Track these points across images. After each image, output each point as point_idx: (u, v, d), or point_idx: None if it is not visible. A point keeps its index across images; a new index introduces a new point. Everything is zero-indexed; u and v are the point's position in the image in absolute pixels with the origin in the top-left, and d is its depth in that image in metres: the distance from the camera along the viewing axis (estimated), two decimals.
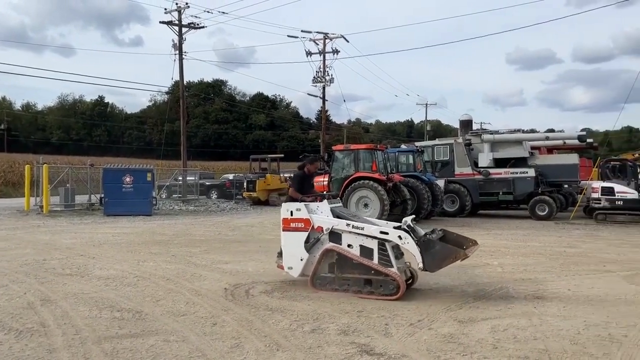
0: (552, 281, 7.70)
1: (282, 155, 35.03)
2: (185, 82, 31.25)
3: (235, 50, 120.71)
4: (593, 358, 4.55)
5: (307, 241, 7.01)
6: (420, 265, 6.56)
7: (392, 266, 6.63)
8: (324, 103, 37.16)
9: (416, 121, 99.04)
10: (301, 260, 7.07)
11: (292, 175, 8.47)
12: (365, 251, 6.75)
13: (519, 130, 21.66)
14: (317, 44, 35.09)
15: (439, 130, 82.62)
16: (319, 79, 35.32)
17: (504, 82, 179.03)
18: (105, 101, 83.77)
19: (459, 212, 19.37)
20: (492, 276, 8.13)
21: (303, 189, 7.81)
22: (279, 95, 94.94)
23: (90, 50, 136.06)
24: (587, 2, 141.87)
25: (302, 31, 34.78)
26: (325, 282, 6.92)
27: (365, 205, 15.54)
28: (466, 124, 28.92)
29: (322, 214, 7.08)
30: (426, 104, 62.55)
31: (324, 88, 35.85)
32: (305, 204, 7.17)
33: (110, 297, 6.85)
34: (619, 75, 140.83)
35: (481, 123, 54.68)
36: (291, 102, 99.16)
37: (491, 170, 19.44)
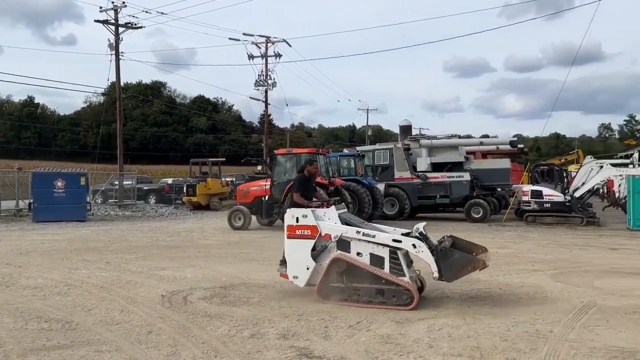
0: (485, 280, 8.00)
1: (224, 159, 34.58)
2: (122, 84, 30.27)
3: (175, 51, 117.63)
4: (521, 353, 4.76)
5: (313, 249, 6.66)
6: (436, 274, 6.32)
7: (404, 275, 6.35)
8: (266, 107, 37.06)
9: (358, 126, 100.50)
10: (307, 269, 6.68)
11: (292, 179, 8.00)
12: (376, 260, 6.45)
13: (455, 136, 22.43)
14: (259, 47, 34.99)
15: (380, 135, 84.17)
16: (261, 82, 35.17)
17: (442, 89, 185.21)
18: (36, 102, 79.72)
19: (399, 215, 19.78)
20: (430, 277, 8.33)
21: (307, 193, 7.42)
22: (221, 98, 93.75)
23: (19, 48, 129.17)
24: (517, 15, 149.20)
25: (244, 34, 34.62)
26: (333, 292, 6.57)
27: None
28: (406, 129, 29.60)
29: (329, 220, 6.73)
30: (367, 110, 63.73)
31: (266, 92, 35.75)
32: (311, 210, 6.81)
33: (37, 307, 6.51)
34: (547, 85, 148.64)
35: (420, 128, 56.27)
36: (233, 105, 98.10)
37: (429, 175, 19.99)
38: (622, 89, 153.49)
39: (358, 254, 6.51)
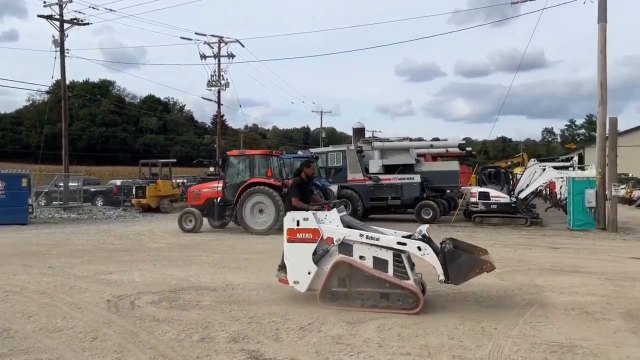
0: (434, 280, 8.15)
1: (175, 160, 33.89)
2: (68, 82, 29.17)
3: (124, 49, 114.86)
4: (467, 350, 4.90)
5: (314, 253, 6.49)
6: (442, 277, 6.22)
7: (408, 278, 6.25)
8: (219, 107, 36.59)
9: (312, 128, 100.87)
10: (309, 273, 6.47)
11: (291, 183, 7.64)
12: (379, 263, 6.31)
13: (406, 139, 22.85)
14: (212, 47, 34.50)
15: (334, 137, 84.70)
16: (214, 82, 34.70)
17: (394, 92, 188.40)
18: None
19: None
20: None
21: (305, 197, 7.25)
22: (172, 98, 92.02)
23: None
24: (466, 21, 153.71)
25: (196, 33, 33.98)
26: (336, 297, 6.39)
27: (261, 211, 15.49)
28: (359, 132, 29.87)
29: (331, 223, 6.56)
30: (321, 112, 63.96)
31: (219, 92, 35.30)
32: (313, 213, 6.64)
33: None
34: (494, 90, 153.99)
35: (373, 131, 56.95)
36: (185, 105, 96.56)
37: (381, 176, 20.26)
38: (564, 95, 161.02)
39: (361, 257, 6.38)
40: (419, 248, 6.25)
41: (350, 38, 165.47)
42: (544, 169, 19.20)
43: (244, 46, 35.57)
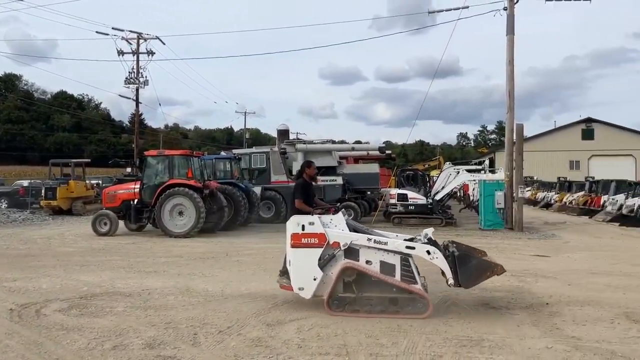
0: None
1: (89, 160, 32.25)
2: None
3: (33, 42, 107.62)
4: (384, 348, 5.04)
5: (319, 258, 6.26)
6: (451, 281, 6.13)
7: (416, 282, 6.16)
8: (137, 106, 35.21)
9: (236, 129, 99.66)
10: (314, 279, 6.23)
11: (294, 185, 7.14)
12: (387, 267, 6.19)
13: (329, 141, 23.16)
14: (130, 44, 33.17)
15: (258, 138, 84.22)
16: (132, 80, 33.36)
17: (318, 95, 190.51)
18: None
19: (275, 218, 19.91)
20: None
21: (309, 199, 6.99)
22: (87, 95, 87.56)
23: None
24: (386, 28, 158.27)
25: (113, 28, 32.55)
26: (344, 303, 6.22)
27: (180, 213, 15.07)
28: (283, 133, 29.89)
29: (336, 227, 6.35)
30: (245, 112, 63.32)
31: (137, 90, 33.96)
32: (318, 217, 6.41)
33: None
34: (413, 95, 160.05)
35: (297, 133, 57.30)
36: (101, 103, 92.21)
37: None
38: (477, 101, 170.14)
39: (367, 262, 6.24)
40: (428, 252, 6.20)
41: (274, 39, 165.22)
42: (458, 172, 20.14)
43: (164, 43, 34.44)
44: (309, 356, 4.82)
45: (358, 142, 48.27)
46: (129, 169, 31.31)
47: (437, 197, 19.42)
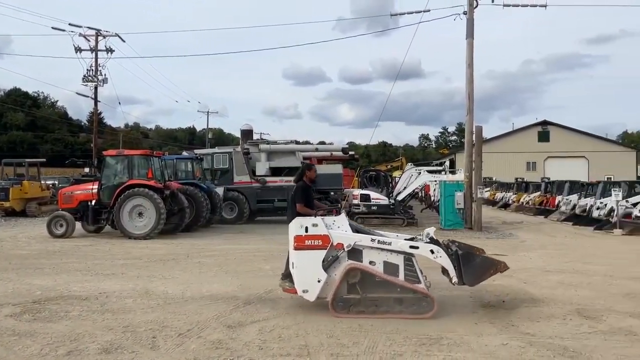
0: None
1: (44, 159, 31.20)
2: None
3: None
4: (345, 348, 5.07)
5: (323, 260, 6.21)
6: (455, 279, 6.20)
7: (419, 282, 6.18)
8: (96, 104, 34.32)
9: (199, 128, 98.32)
10: (319, 281, 6.18)
11: (294, 188, 7.04)
12: (390, 268, 6.20)
13: (293, 142, 23.15)
14: (89, 40, 32.33)
15: (221, 138, 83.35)
16: (90, 78, 32.49)
17: (282, 95, 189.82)
18: None
19: (238, 219, 19.77)
20: (264, 279, 8.47)
21: (310, 201, 6.89)
22: (42, 92, 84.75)
23: None
24: (350, 29, 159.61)
25: (70, 24, 31.62)
26: (348, 304, 6.18)
27: (140, 214, 14.76)
28: (247, 134, 29.70)
29: (339, 229, 6.33)
30: (208, 112, 62.53)
31: (96, 88, 33.08)
32: (321, 219, 6.35)
33: None
34: (376, 97, 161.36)
35: (261, 133, 57.02)
36: (57, 101, 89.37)
37: (268, 179, 20.33)
38: (438, 103, 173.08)
39: (371, 262, 6.23)
40: (432, 251, 6.25)
41: (237, 39, 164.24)
42: (420, 173, 20.49)
43: (124, 41, 33.64)
44: (270, 357, 4.81)
45: (322, 142, 48.43)
46: (87, 169, 30.53)
47: (399, 198, 19.69)
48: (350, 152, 24.96)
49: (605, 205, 18.90)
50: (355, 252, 6.25)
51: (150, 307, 6.66)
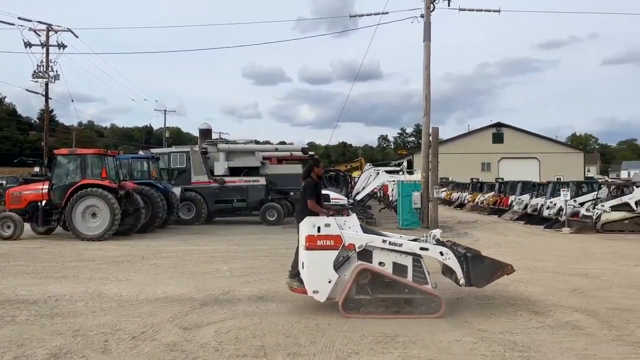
0: (274, 280, 8.34)
1: None
2: None
3: None
4: (302, 347, 5.07)
5: (334, 260, 6.15)
6: (463, 281, 6.28)
7: (427, 282, 6.22)
8: (47, 101, 33.12)
9: (155, 127, 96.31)
10: (329, 282, 6.11)
11: (303, 185, 6.91)
12: (399, 268, 6.23)
13: (252, 141, 22.99)
14: (39, 35, 31.16)
15: (179, 137, 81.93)
16: (40, 74, 31.34)
17: (241, 94, 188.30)
18: None
19: (195, 220, 19.48)
20: (221, 281, 8.39)
21: (319, 199, 6.76)
22: None
23: None
24: (310, 29, 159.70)
25: (19, 18, 30.41)
26: (359, 305, 6.13)
27: (94, 215, 14.35)
28: (205, 133, 29.25)
29: (350, 229, 6.27)
30: (165, 110, 61.35)
31: (47, 84, 31.94)
32: (334, 219, 6.27)
33: None
34: (336, 97, 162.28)
35: (220, 132, 56.40)
36: (5, 97, 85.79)
37: (226, 179, 20.12)
38: (397, 105, 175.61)
39: (380, 263, 6.24)
40: (441, 253, 6.32)
41: (196, 36, 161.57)
42: (378, 173, 20.72)
43: (77, 36, 32.72)
44: (225, 359, 4.76)
45: (282, 142, 48.35)
46: (36, 169, 29.43)
47: (358, 198, 19.87)
48: (310, 152, 25.00)
49: (555, 204, 19.64)
50: (365, 253, 6.27)
51: (102, 310, 6.48)
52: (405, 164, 28.69)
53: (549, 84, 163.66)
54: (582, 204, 19.01)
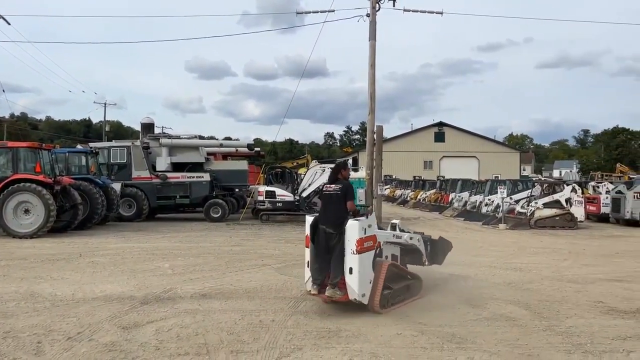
0: (218, 278, 8.25)
1: None
2: None
3: None
4: (245, 344, 5.05)
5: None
6: (427, 262, 7.20)
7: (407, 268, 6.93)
8: None
9: (95, 120, 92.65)
10: (370, 282, 6.07)
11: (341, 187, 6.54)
12: (395, 259, 6.84)
13: (196, 137, 22.56)
14: None
15: (120, 131, 79.24)
16: None
17: (184, 88, 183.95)
18: None
19: (136, 216, 18.94)
20: (163, 278, 8.20)
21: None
22: None
23: None
24: (255, 25, 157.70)
25: None
26: (386, 299, 6.29)
27: (26, 211, 13.67)
28: (147, 127, 28.40)
29: (372, 227, 6.28)
30: (105, 103, 59.15)
31: None
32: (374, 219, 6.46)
33: None
34: (282, 94, 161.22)
35: (162, 127, 54.84)
36: None
37: (169, 174, 19.66)
38: (343, 102, 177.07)
39: (386, 257, 6.64)
40: (418, 240, 7.16)
41: (138, 28, 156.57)
42: (324, 170, 20.78)
43: (9, 24, 30.78)
44: (167, 358, 4.67)
45: (228, 138, 47.74)
46: None
47: (304, 194, 19.88)
48: (256, 149, 24.86)
49: (493, 202, 20.45)
50: (379, 250, 6.46)
51: (35, 310, 6.20)
52: (350, 161, 28.99)
53: (487, 85, 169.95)
54: (517, 202, 19.87)
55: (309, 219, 6.34)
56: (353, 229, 5.97)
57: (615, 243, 14.39)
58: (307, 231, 6.29)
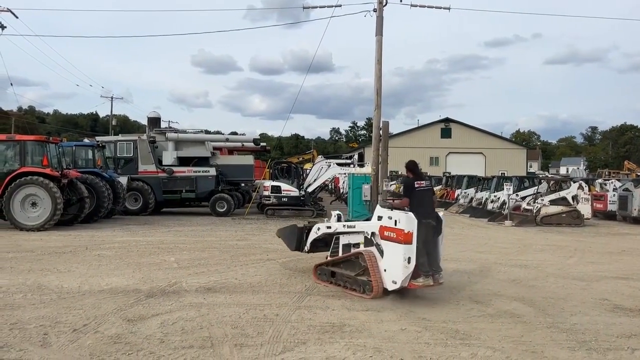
0: (223, 272, 8.28)
1: None
2: None
3: None
4: (249, 338, 5.07)
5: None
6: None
7: None
8: None
9: (102, 114, 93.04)
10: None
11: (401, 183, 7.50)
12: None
13: (203, 131, 22.60)
14: None
15: (126, 125, 79.53)
16: None
17: (191, 83, 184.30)
18: None
19: (142, 210, 19.02)
20: (168, 272, 8.25)
21: None
22: None
23: None
24: (261, 19, 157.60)
25: None
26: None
27: (34, 204, 13.76)
28: (154, 121, 28.48)
29: None
30: (112, 97, 59.28)
31: None
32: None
33: None
34: (288, 89, 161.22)
35: (169, 121, 54.96)
36: None
37: (175, 169, 19.72)
38: (348, 98, 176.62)
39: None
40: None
41: (145, 22, 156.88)
42: (330, 166, 20.82)
43: (17, 17, 30.90)
44: (171, 350, 4.70)
45: (234, 133, 47.71)
46: None
47: (310, 190, 19.92)
48: (262, 144, 24.86)
49: (498, 198, 20.39)
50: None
51: (42, 302, 6.25)
52: (356, 156, 28.98)
53: (494, 82, 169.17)
54: (523, 198, 19.81)
55: (412, 216, 6.50)
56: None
57: (621, 241, 14.32)
58: (411, 228, 6.41)
